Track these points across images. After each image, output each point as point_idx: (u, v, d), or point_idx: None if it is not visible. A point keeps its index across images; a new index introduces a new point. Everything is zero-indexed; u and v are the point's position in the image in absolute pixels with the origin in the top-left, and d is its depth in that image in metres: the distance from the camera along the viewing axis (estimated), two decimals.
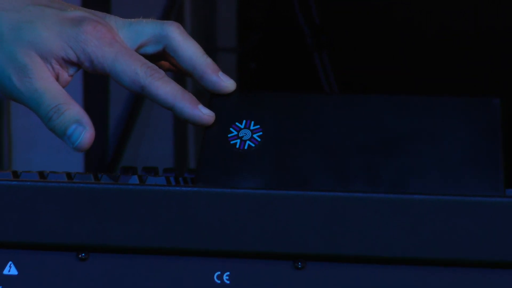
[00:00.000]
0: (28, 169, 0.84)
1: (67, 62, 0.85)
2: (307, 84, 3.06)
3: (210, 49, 3.19)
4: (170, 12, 2.76)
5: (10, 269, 0.80)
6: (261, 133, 0.83)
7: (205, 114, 0.84)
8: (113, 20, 0.88)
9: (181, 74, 0.90)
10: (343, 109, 0.84)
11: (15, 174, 0.83)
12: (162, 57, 0.89)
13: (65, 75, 0.86)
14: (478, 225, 0.75)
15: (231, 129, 0.84)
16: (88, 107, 0.84)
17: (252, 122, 0.84)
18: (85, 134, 0.83)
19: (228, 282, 0.78)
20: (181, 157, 3.14)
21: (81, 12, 0.86)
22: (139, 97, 2.74)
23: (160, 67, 0.87)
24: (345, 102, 0.85)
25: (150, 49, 0.88)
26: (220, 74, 0.86)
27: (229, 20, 3.43)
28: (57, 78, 0.85)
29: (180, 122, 3.10)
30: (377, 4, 3.45)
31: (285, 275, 0.78)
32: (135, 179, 0.83)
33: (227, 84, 0.86)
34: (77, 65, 0.86)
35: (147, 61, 0.85)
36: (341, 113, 0.84)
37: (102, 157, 2.99)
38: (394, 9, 3.44)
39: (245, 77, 3.37)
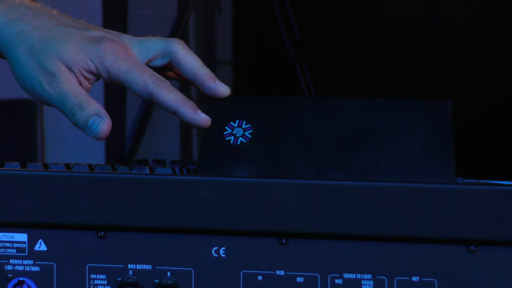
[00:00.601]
0: (57, 162, 0.84)
1: (88, 72, 0.85)
2: (290, 90, 3.07)
3: (210, 62, 3.19)
4: (177, 31, 2.76)
5: (40, 246, 0.79)
6: (251, 130, 0.83)
7: (203, 119, 0.84)
8: (127, 38, 0.88)
9: (185, 83, 0.90)
10: (320, 110, 0.84)
11: (45, 166, 0.83)
12: (168, 69, 0.89)
13: (86, 83, 0.86)
14: (433, 207, 0.75)
15: (226, 127, 0.83)
16: (108, 111, 0.83)
17: (244, 122, 0.83)
18: (103, 124, 0.83)
19: (224, 256, 0.78)
20: (186, 152, 3.14)
21: (100, 32, 0.86)
22: (151, 103, 2.74)
23: (167, 77, 0.87)
24: (322, 104, 0.85)
25: (158, 62, 0.88)
26: (217, 81, 0.86)
27: (226, 37, 3.43)
28: (80, 84, 0.85)
29: (185, 124, 3.09)
30: (345, 26, 3.45)
31: (272, 250, 0.78)
32: (146, 170, 0.83)
33: (223, 89, 0.86)
34: (96, 75, 0.86)
35: (155, 73, 0.85)
36: (319, 113, 0.84)
37: (120, 152, 2.98)
38: (357, 29, 3.44)
39: (239, 84, 3.38)
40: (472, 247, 0.75)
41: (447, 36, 3.43)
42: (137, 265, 0.79)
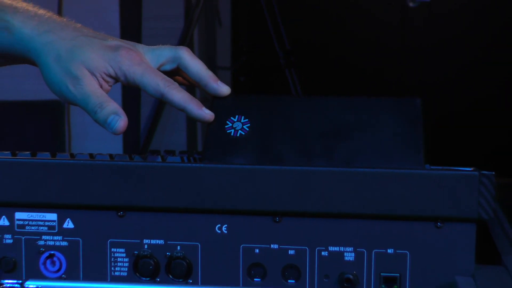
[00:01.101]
0: (82, 153, 0.84)
1: (107, 76, 0.84)
2: (281, 91, 3.07)
3: (211, 67, 3.18)
4: (184, 42, 2.75)
5: (68, 224, 0.79)
6: (249, 124, 0.82)
7: (207, 114, 0.84)
8: (140, 47, 0.87)
9: (191, 85, 0.89)
10: (307, 107, 0.84)
11: (72, 156, 0.83)
12: (176, 73, 0.89)
13: (106, 85, 0.85)
14: (405, 189, 0.75)
15: (227, 122, 0.83)
16: (125, 109, 0.83)
17: (243, 117, 0.83)
18: (120, 121, 0.82)
19: (226, 232, 0.78)
20: (191, 143, 3.14)
21: (117, 41, 0.86)
22: (161, 102, 2.74)
23: (175, 80, 0.87)
24: (308, 102, 0.85)
25: (168, 67, 0.88)
26: (219, 82, 0.86)
27: (225, 47, 3.42)
28: (101, 86, 0.85)
29: (191, 119, 3.10)
30: (326, 38, 3.45)
31: (267, 227, 0.77)
32: (159, 159, 0.82)
33: (224, 89, 0.86)
34: (114, 78, 0.85)
35: (165, 76, 0.85)
36: (306, 110, 0.83)
37: (136, 144, 2.98)
38: (336, 41, 3.44)
39: (237, 87, 3.37)
40: (439, 224, 0.75)
41: (412, 51, 3.43)
42: (151, 240, 0.79)
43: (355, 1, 3.46)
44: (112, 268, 0.79)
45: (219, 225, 0.78)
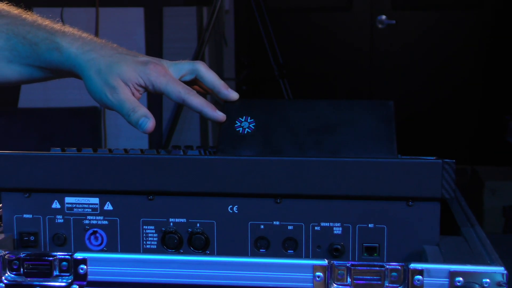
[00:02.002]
0: (118, 148, 0.83)
1: (138, 86, 0.84)
2: (276, 97, 3.06)
3: None
4: (197, 58, 2.75)
5: (108, 206, 0.78)
6: (254, 123, 0.82)
7: (220, 115, 0.83)
8: (165, 62, 0.87)
9: (206, 92, 0.89)
10: (301, 108, 0.83)
11: (110, 151, 0.82)
12: (194, 82, 0.88)
13: (137, 93, 0.85)
14: (381, 175, 0.74)
15: (236, 121, 0.82)
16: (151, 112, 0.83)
17: (249, 117, 0.83)
18: (149, 122, 0.82)
19: (237, 211, 0.77)
20: (204, 139, 3.13)
21: (146, 58, 0.86)
22: (180, 106, 2.75)
23: (193, 88, 0.86)
24: (301, 104, 0.84)
25: (187, 78, 0.87)
26: (229, 89, 0.86)
27: (230, 62, 3.42)
28: (133, 94, 0.84)
29: (204, 121, 3.10)
30: (312, 53, 3.44)
31: (270, 207, 0.76)
32: (180, 152, 0.81)
33: (234, 95, 0.86)
34: (144, 88, 0.84)
35: (185, 85, 0.84)
36: (300, 110, 0.83)
37: (159, 141, 2.97)
38: (320, 56, 3.43)
39: (240, 94, 3.36)
40: (410, 202, 0.74)
41: (381, 64, 3.42)
42: (176, 219, 0.78)
43: (334, 25, 3.46)
44: (144, 242, 0.78)
45: (231, 206, 0.77)
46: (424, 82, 3.42)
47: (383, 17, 3.40)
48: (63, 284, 0.69)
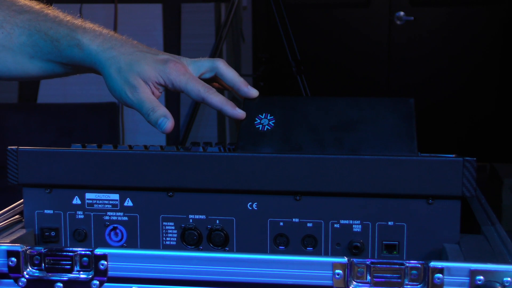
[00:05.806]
0: (137, 144, 0.83)
1: (158, 85, 0.83)
2: (293, 93, 3.05)
3: None
4: (215, 55, 2.74)
5: (128, 202, 0.79)
6: (274, 120, 0.81)
7: (240, 113, 0.83)
8: (184, 60, 0.86)
9: (226, 89, 0.88)
10: (320, 105, 0.82)
11: (130, 147, 0.82)
12: (214, 80, 0.88)
13: (157, 92, 0.84)
14: (402, 172, 0.73)
15: (256, 118, 0.82)
16: (168, 109, 0.82)
17: (268, 114, 0.82)
18: (168, 123, 0.82)
19: (256, 208, 0.77)
20: (221, 136, 3.13)
21: (166, 55, 0.85)
22: (197, 104, 2.75)
23: (213, 86, 0.86)
24: (321, 101, 0.83)
25: (207, 75, 0.86)
26: (249, 87, 0.85)
27: (247, 58, 3.41)
28: (153, 93, 0.84)
29: (221, 117, 3.10)
30: (330, 49, 3.43)
31: (289, 204, 0.76)
32: (200, 149, 0.81)
33: (253, 92, 0.85)
34: (164, 86, 0.84)
35: (205, 83, 0.84)
36: (319, 108, 0.82)
37: (176, 137, 2.98)
38: (339, 51, 3.42)
39: (257, 90, 3.36)
40: (430, 200, 0.74)
41: (399, 60, 3.40)
42: (195, 215, 0.78)
43: (352, 21, 3.44)
44: (164, 238, 0.78)
45: (250, 202, 0.77)
46: (442, 79, 3.39)
47: (401, 13, 3.38)
48: (84, 279, 0.69)
